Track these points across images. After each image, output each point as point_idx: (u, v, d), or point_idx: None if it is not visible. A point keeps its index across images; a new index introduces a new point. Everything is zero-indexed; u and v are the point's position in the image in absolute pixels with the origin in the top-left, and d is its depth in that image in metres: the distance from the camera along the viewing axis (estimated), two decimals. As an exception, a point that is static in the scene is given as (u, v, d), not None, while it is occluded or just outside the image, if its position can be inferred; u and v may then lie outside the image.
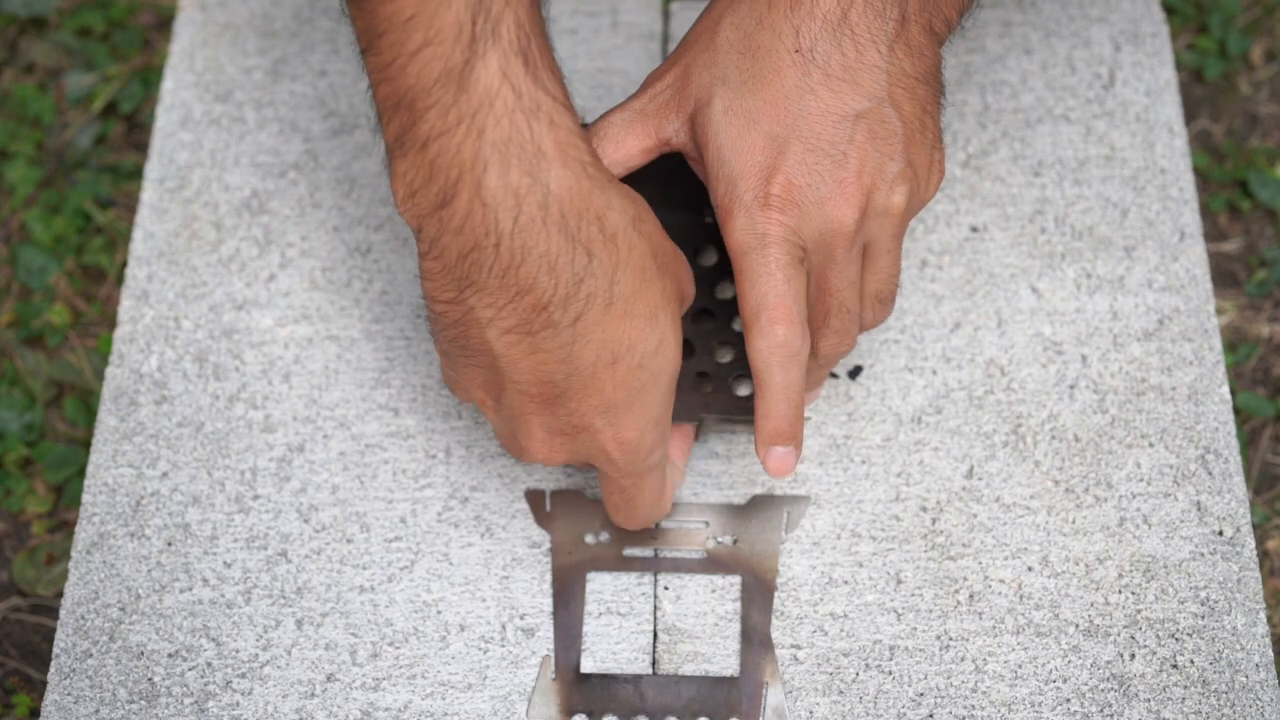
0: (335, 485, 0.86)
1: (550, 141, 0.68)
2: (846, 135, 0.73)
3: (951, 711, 0.79)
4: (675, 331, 0.73)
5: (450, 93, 0.67)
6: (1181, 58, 1.10)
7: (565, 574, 0.83)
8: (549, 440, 0.75)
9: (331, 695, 0.80)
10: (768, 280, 0.73)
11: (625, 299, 0.71)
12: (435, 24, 0.66)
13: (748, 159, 0.73)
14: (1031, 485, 0.85)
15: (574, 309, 0.70)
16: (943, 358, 0.89)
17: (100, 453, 0.87)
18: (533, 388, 0.73)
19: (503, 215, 0.68)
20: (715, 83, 0.74)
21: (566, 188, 0.68)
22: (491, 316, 0.70)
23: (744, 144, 0.73)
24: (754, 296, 0.74)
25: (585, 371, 0.72)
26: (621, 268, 0.71)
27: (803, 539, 0.84)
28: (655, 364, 0.73)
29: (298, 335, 0.90)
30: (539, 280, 0.69)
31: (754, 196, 0.73)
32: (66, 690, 0.81)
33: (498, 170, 0.67)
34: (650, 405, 0.74)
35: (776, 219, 0.73)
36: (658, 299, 0.72)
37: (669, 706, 0.80)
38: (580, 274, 0.70)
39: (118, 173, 1.08)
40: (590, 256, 0.70)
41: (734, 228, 0.74)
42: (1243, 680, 0.80)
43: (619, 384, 0.72)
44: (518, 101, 0.67)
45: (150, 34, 1.14)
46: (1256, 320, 1.02)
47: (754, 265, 0.73)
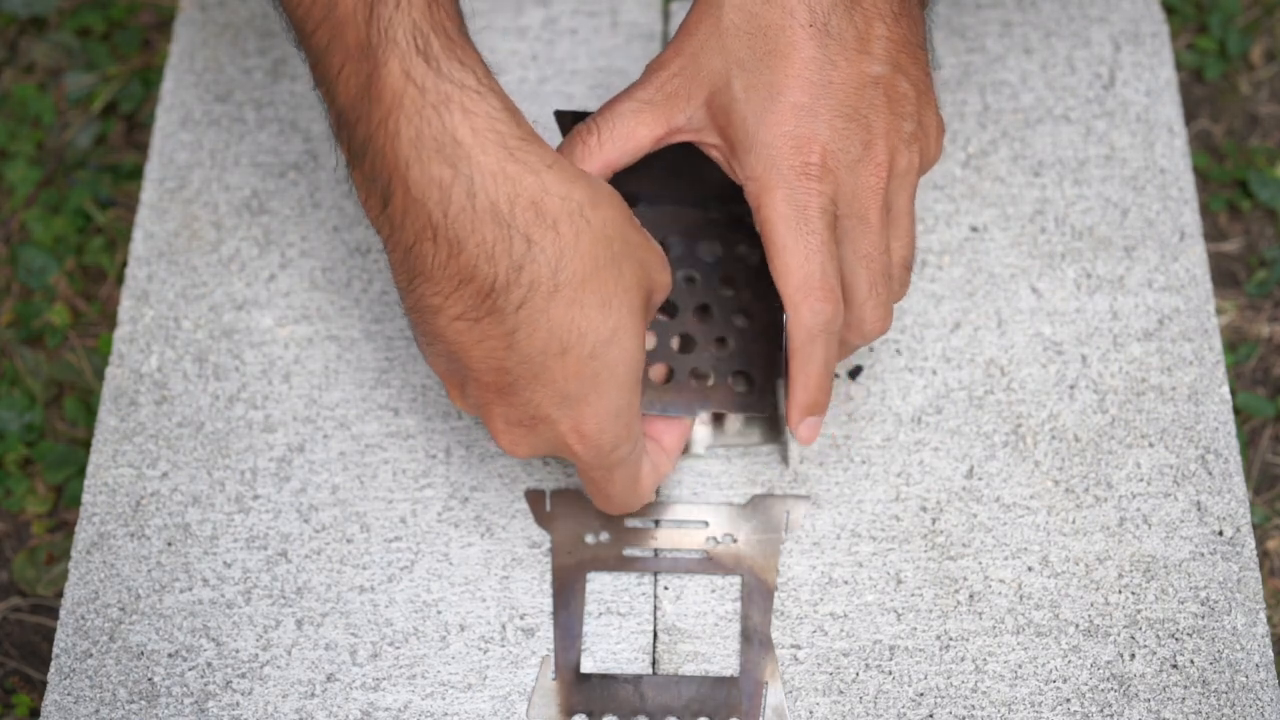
0: (335, 485, 0.86)
1: (466, 129, 0.69)
2: (868, 100, 0.75)
3: (951, 711, 0.79)
4: (634, 321, 0.73)
5: (366, 103, 0.70)
6: (1181, 58, 1.10)
7: (565, 574, 0.83)
8: (509, 431, 0.75)
9: (331, 695, 0.80)
10: (813, 257, 0.74)
11: (572, 286, 0.71)
12: (344, 44, 0.70)
13: (778, 130, 0.74)
14: (1031, 485, 0.85)
15: (516, 295, 0.70)
16: (943, 358, 0.89)
17: (100, 453, 0.87)
18: (487, 376, 0.73)
19: (433, 207, 0.70)
20: (730, 65, 0.74)
21: (491, 174, 0.70)
22: (439, 304, 0.72)
23: (772, 117, 0.74)
24: (800, 273, 0.74)
25: (535, 360, 0.72)
26: (568, 254, 0.71)
27: (803, 539, 0.84)
28: (609, 354, 0.72)
29: (298, 335, 0.90)
30: (479, 267, 0.70)
31: (790, 166, 0.74)
32: (66, 690, 0.81)
33: (418, 166, 0.69)
34: (608, 397, 0.73)
35: (816, 188, 0.74)
36: (613, 286, 0.72)
37: (669, 706, 0.80)
38: (520, 260, 0.70)
39: (118, 173, 1.08)
40: (530, 242, 0.70)
41: (773, 200, 0.74)
42: (1243, 680, 0.80)
43: (571, 374, 0.72)
44: (424, 98, 0.69)
45: (150, 34, 1.14)
46: (1256, 320, 1.02)
47: (797, 240, 0.74)
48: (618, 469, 0.77)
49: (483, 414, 0.76)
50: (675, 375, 0.82)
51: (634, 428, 0.76)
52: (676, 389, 0.81)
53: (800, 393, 0.77)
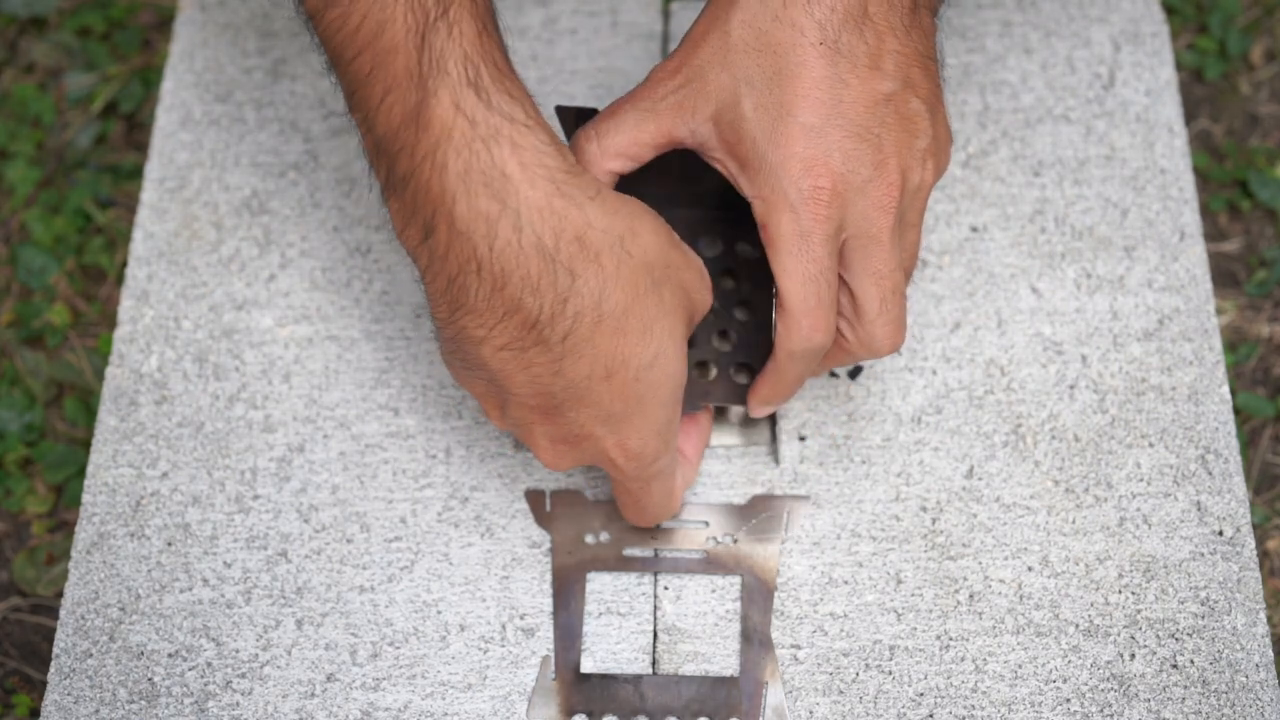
0: (335, 485, 0.86)
1: (514, 164, 0.69)
2: (879, 119, 0.75)
3: (951, 711, 0.79)
4: (675, 343, 0.74)
5: (412, 133, 0.70)
6: (1181, 58, 1.10)
7: (565, 574, 0.83)
8: (553, 448, 0.76)
9: (331, 695, 0.80)
10: (809, 284, 0.75)
11: (616, 316, 0.71)
12: (390, 72, 0.70)
13: (786, 151, 0.74)
14: (1031, 485, 0.85)
15: (562, 327, 0.71)
16: (943, 358, 0.89)
17: (100, 453, 0.87)
18: (531, 399, 0.73)
19: (479, 242, 0.70)
20: (738, 82, 0.74)
21: (538, 209, 0.70)
22: (484, 335, 0.72)
23: (781, 137, 0.74)
24: (796, 297, 0.75)
25: (580, 385, 0.72)
26: (610, 285, 0.71)
27: (803, 539, 0.84)
28: (652, 376, 0.73)
29: (298, 335, 0.90)
30: (524, 300, 0.70)
31: (798, 190, 0.74)
32: (66, 690, 0.81)
33: (465, 200, 0.69)
34: (652, 415, 0.74)
35: (823, 213, 0.74)
36: (654, 312, 0.73)
37: (669, 706, 0.80)
38: (565, 293, 0.70)
39: (118, 173, 1.08)
40: (574, 276, 0.70)
41: (778, 222, 0.74)
42: (1243, 680, 0.80)
43: (616, 396, 0.73)
44: (474, 130, 0.69)
45: (150, 34, 1.14)
46: (1256, 320, 1.02)
47: (797, 265, 0.74)
48: (655, 481, 0.78)
49: (524, 432, 0.76)
50: None
51: (673, 441, 0.77)
52: None
53: (766, 390, 0.79)
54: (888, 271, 0.76)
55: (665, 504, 0.80)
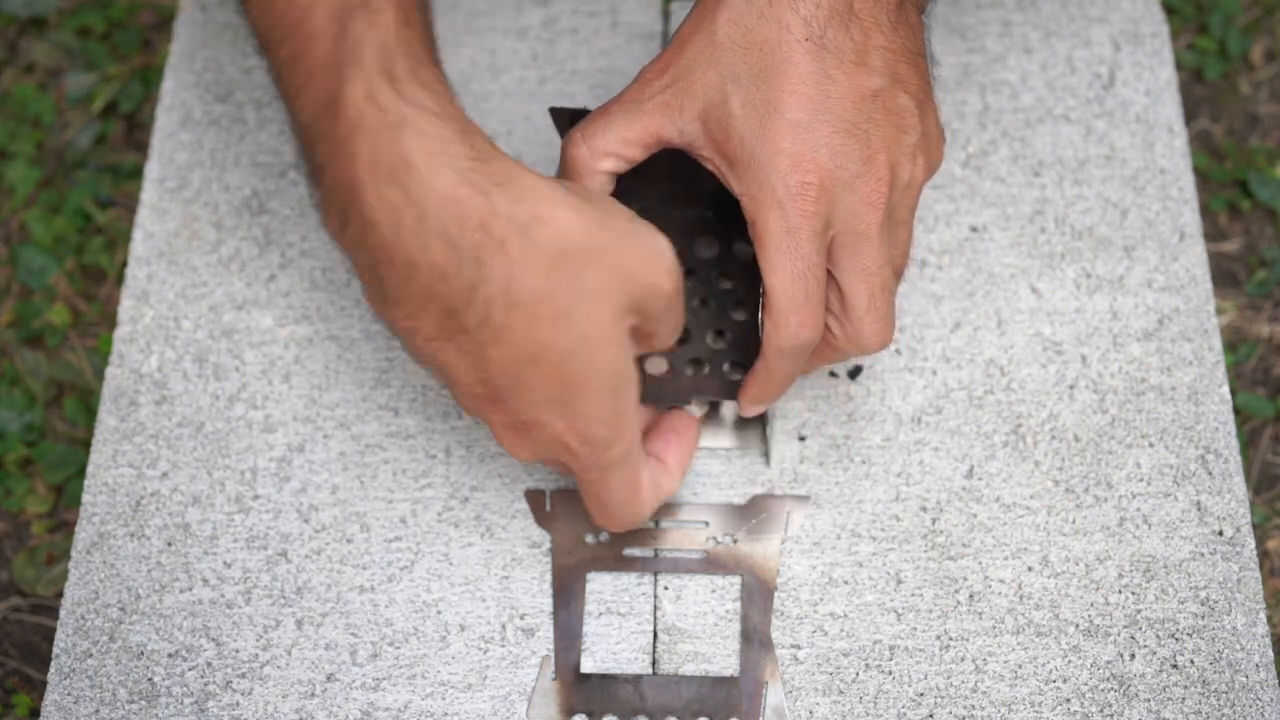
0: (335, 485, 0.86)
1: (419, 153, 0.69)
2: (866, 114, 0.74)
3: (951, 711, 0.79)
4: (602, 329, 0.71)
5: (328, 121, 0.70)
6: (1181, 58, 1.10)
7: (565, 574, 0.83)
8: (508, 435, 0.75)
9: (331, 695, 0.80)
10: (798, 280, 0.74)
11: (527, 303, 0.70)
12: (310, 59, 0.70)
13: (774, 148, 0.74)
14: (1031, 485, 0.85)
15: (476, 314, 0.70)
16: (943, 358, 0.89)
17: (100, 453, 0.87)
18: (475, 388, 0.73)
19: (386, 231, 0.70)
20: (725, 81, 0.74)
21: (440, 197, 0.69)
22: (411, 326, 0.72)
23: (769, 134, 0.74)
24: (784, 294, 0.75)
25: (511, 370, 0.72)
26: (517, 271, 0.70)
27: (803, 539, 0.84)
28: (577, 363, 0.71)
29: (298, 335, 0.90)
30: (436, 289, 0.70)
31: (785, 186, 0.74)
32: (66, 690, 0.81)
33: (373, 189, 0.69)
34: (593, 401, 0.73)
35: (810, 209, 0.74)
36: (572, 299, 0.71)
37: (669, 706, 0.80)
38: (472, 280, 0.70)
39: (118, 173, 1.08)
40: (479, 263, 0.70)
41: (766, 219, 0.74)
42: (1243, 680, 0.80)
43: (548, 381, 0.72)
44: (382, 119, 0.69)
45: (150, 34, 1.14)
46: (1256, 320, 1.02)
47: (784, 261, 0.74)
48: (613, 472, 0.76)
49: (481, 419, 0.76)
50: (672, 366, 0.82)
51: (629, 428, 0.75)
52: (673, 378, 0.82)
53: (756, 389, 0.79)
54: (876, 268, 0.76)
55: (630, 503, 0.78)
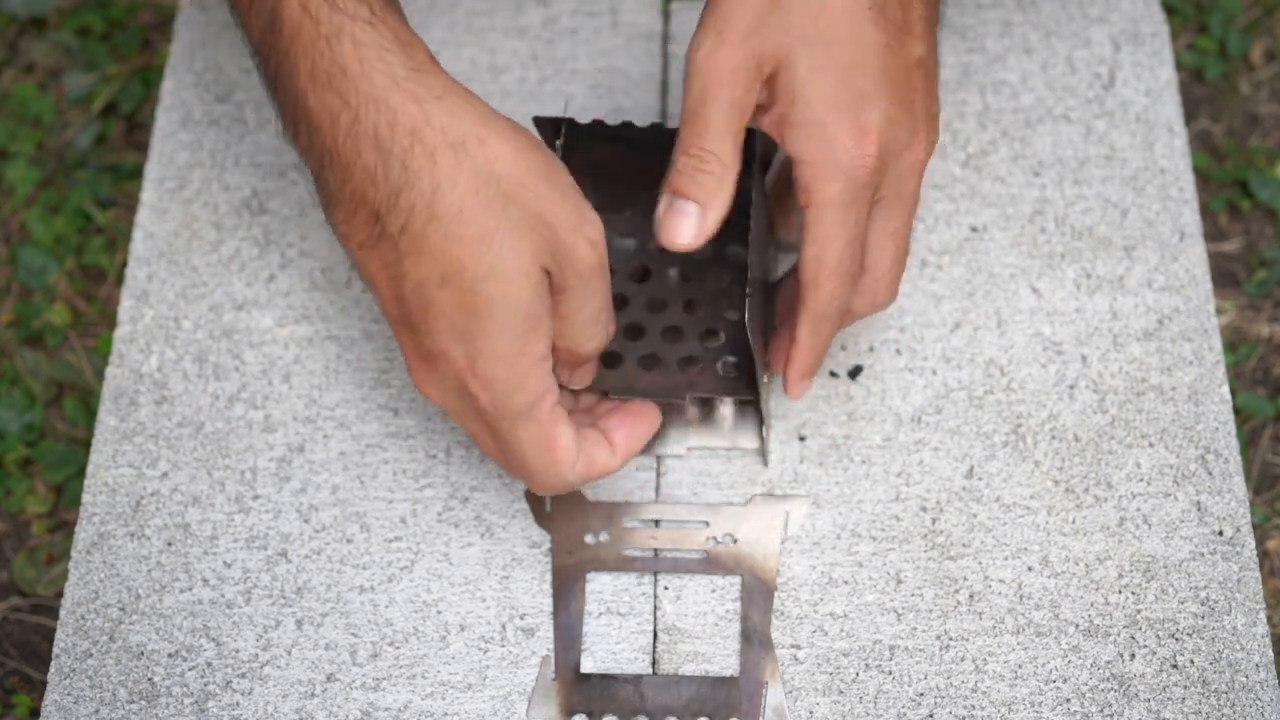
0: (335, 485, 0.86)
1: (354, 60, 0.72)
2: (913, 84, 0.77)
3: (951, 711, 0.79)
4: (518, 264, 0.72)
5: (273, 36, 0.74)
6: (1181, 58, 1.10)
7: (565, 574, 0.83)
8: (417, 367, 0.76)
9: (331, 695, 0.80)
10: (848, 247, 0.77)
11: (449, 217, 0.71)
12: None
13: (840, 119, 0.75)
14: (1031, 485, 0.85)
15: (397, 220, 0.72)
16: (943, 358, 0.89)
17: (100, 453, 0.87)
18: (392, 307, 0.75)
19: (326, 135, 0.73)
20: (794, 43, 0.75)
21: (374, 102, 0.72)
22: (347, 232, 0.74)
23: (837, 101, 0.75)
24: (835, 259, 0.77)
25: (422, 290, 0.73)
26: (444, 184, 0.71)
27: (803, 539, 0.84)
28: (487, 291, 0.72)
29: (298, 335, 0.90)
30: (366, 192, 0.73)
31: (850, 158, 0.75)
32: (66, 690, 0.81)
33: (313, 95, 0.73)
34: (498, 339, 0.73)
35: (869, 180, 0.76)
36: (495, 224, 0.71)
37: (669, 706, 0.80)
38: (398, 186, 0.72)
39: (118, 173, 1.08)
40: (407, 170, 0.71)
41: (826, 189, 0.75)
42: (1243, 680, 0.80)
43: (455, 305, 0.72)
44: (318, 30, 0.72)
45: (150, 34, 1.14)
46: (1256, 320, 1.02)
47: (840, 229, 0.76)
48: (520, 424, 0.75)
49: (400, 348, 0.77)
50: (664, 363, 0.82)
51: (533, 379, 0.74)
52: (664, 373, 0.82)
53: (804, 358, 0.80)
54: (904, 231, 0.79)
55: (543, 463, 0.76)
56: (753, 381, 0.82)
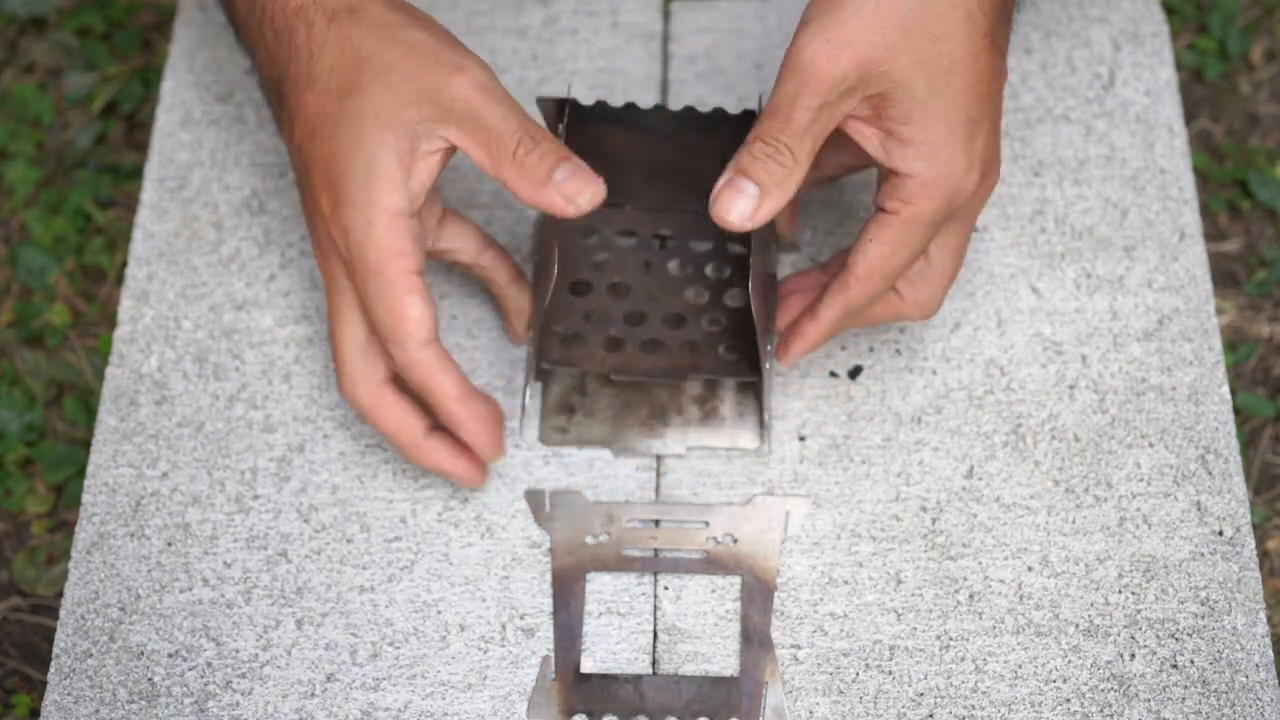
0: (335, 485, 0.86)
1: None
2: (1000, 110, 0.79)
3: (951, 711, 0.79)
4: (376, 109, 0.76)
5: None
6: (1181, 58, 1.10)
7: (565, 574, 0.83)
8: (311, 233, 0.80)
9: (331, 695, 0.80)
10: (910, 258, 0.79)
11: (320, 79, 0.77)
12: None
13: (955, 143, 0.76)
14: (1031, 485, 0.85)
15: (289, 92, 0.78)
16: (943, 358, 0.89)
17: (100, 453, 0.87)
18: (296, 171, 0.80)
19: (246, 36, 0.81)
20: (913, 64, 0.75)
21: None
22: (279, 128, 0.81)
23: (953, 127, 0.76)
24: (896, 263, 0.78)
25: (300, 151, 0.78)
26: (317, 51, 0.77)
27: (803, 539, 0.84)
28: (342, 137, 0.76)
29: (298, 335, 0.90)
30: (270, 73, 0.79)
31: (957, 180, 0.77)
32: (66, 690, 0.81)
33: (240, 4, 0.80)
34: (353, 183, 0.76)
35: (960, 204, 0.78)
36: (359, 77, 0.76)
37: (669, 706, 0.80)
38: (286, 61, 0.78)
39: (118, 173, 1.08)
40: (293, 44, 0.78)
41: (924, 205, 0.77)
42: (1243, 680, 0.80)
43: (322, 157, 0.77)
44: None
45: (150, 34, 1.14)
46: (1256, 320, 1.02)
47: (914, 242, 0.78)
48: (372, 280, 0.77)
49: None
50: (666, 347, 0.83)
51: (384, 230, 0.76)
52: (667, 355, 0.83)
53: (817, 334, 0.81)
54: (964, 249, 0.81)
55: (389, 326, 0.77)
56: (755, 365, 0.82)
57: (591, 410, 0.87)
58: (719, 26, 0.99)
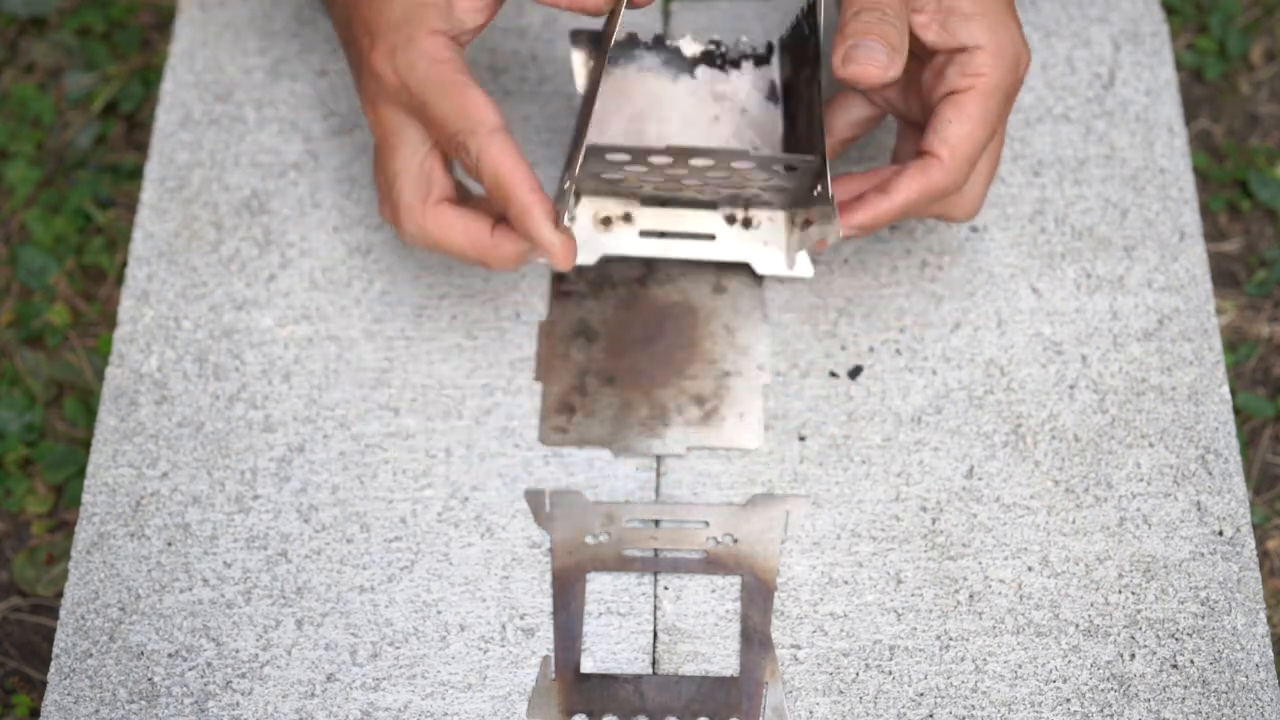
0: (335, 485, 0.86)
1: None
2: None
3: (951, 711, 0.79)
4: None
5: None
6: (1181, 58, 1.10)
7: (565, 574, 0.83)
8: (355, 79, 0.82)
9: (331, 695, 0.80)
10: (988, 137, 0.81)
11: None
12: None
13: (1009, 18, 0.81)
14: (1031, 485, 0.85)
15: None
16: (943, 358, 0.89)
17: (100, 453, 0.87)
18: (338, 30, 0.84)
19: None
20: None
21: None
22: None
23: (1003, 30, 0.80)
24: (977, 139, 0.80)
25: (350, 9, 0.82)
26: None
27: (803, 539, 0.84)
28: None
29: (298, 335, 0.90)
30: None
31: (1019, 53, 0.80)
32: (66, 690, 0.81)
33: None
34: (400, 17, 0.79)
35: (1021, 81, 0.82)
36: None
37: (669, 706, 0.80)
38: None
39: (118, 173, 1.08)
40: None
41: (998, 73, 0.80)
42: (1243, 680, 0.80)
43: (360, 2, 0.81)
44: None
45: (150, 34, 1.14)
46: (1256, 320, 1.02)
47: (994, 115, 0.80)
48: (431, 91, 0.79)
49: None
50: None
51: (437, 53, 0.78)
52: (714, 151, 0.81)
53: (884, 213, 0.80)
54: (999, 154, 0.83)
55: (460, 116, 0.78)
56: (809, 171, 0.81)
57: (592, 410, 0.87)
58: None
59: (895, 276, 0.91)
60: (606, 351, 0.89)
